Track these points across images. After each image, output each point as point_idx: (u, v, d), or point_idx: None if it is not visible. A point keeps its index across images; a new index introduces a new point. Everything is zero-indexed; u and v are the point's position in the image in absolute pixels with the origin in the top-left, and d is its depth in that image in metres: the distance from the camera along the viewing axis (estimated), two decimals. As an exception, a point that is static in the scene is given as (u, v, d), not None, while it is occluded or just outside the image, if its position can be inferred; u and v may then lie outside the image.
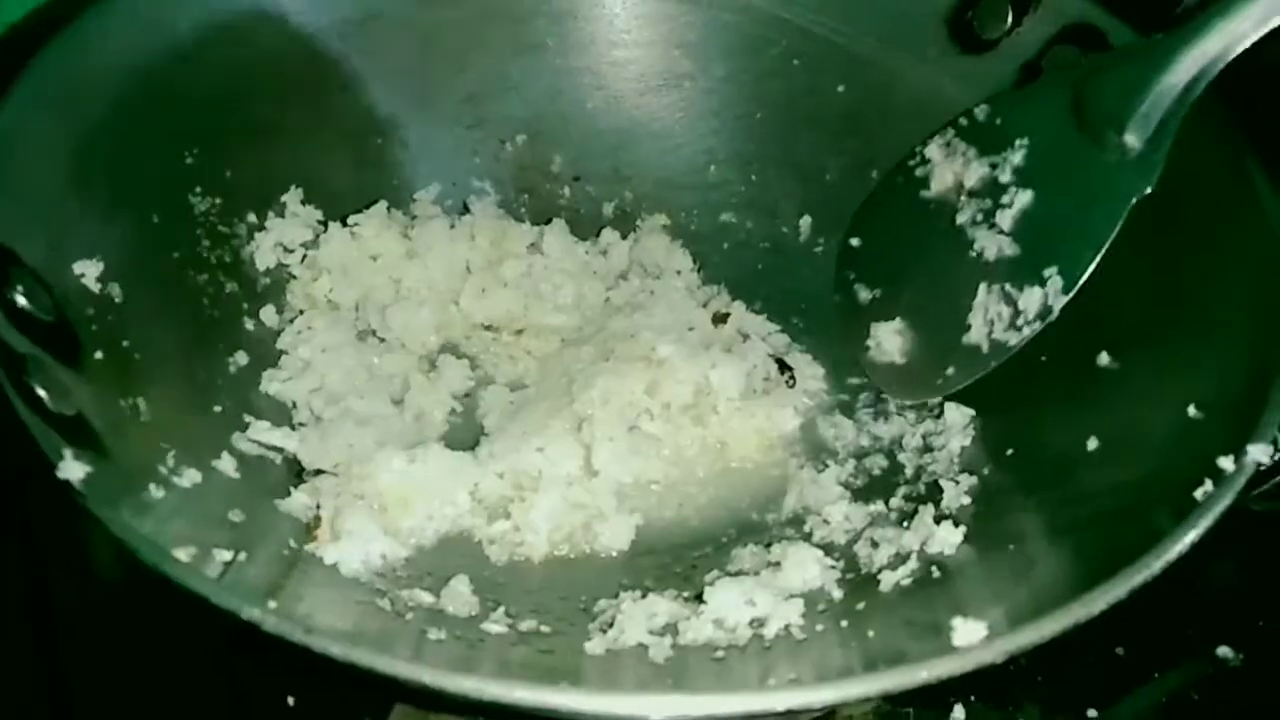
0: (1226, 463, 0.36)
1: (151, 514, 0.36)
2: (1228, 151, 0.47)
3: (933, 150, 0.55)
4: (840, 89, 0.62)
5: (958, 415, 0.51)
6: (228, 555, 0.36)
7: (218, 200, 0.54)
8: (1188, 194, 0.48)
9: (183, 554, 0.32)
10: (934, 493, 0.48)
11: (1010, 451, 0.48)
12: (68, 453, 0.33)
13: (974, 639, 0.32)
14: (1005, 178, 0.50)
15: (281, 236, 0.56)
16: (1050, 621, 0.31)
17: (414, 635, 0.39)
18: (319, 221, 0.58)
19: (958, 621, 0.33)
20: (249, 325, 0.53)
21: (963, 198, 0.52)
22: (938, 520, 0.45)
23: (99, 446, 0.36)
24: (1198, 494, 0.35)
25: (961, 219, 0.52)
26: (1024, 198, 0.49)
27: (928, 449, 0.51)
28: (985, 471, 0.48)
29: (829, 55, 0.62)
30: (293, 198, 0.57)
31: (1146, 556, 0.33)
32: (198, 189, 0.53)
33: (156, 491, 0.38)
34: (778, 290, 0.61)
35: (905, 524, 0.47)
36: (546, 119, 0.64)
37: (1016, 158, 0.50)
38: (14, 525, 0.46)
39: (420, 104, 0.62)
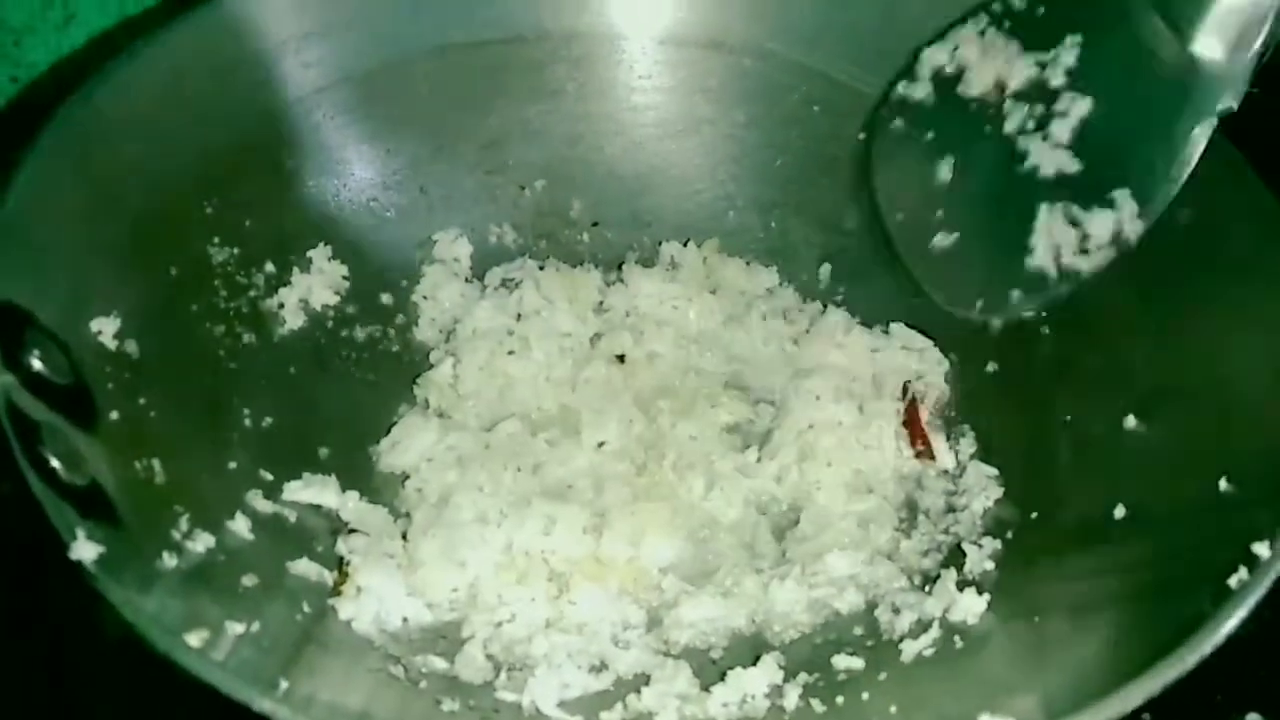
0: (1262, 549, 0.35)
1: (163, 585, 0.36)
2: (1250, 201, 0.46)
3: (966, 44, 0.50)
4: (861, 136, 0.61)
5: (979, 474, 0.50)
6: (240, 629, 0.35)
7: (236, 250, 0.54)
8: (1215, 249, 0.47)
9: (194, 639, 0.32)
10: (956, 557, 0.47)
11: (1035, 515, 0.47)
12: (80, 532, 0.33)
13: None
14: (1057, 80, 0.45)
15: (307, 294, 0.56)
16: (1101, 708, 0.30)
17: (428, 706, 0.39)
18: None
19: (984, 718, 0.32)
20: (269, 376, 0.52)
21: (1008, 101, 0.47)
22: (960, 586, 0.44)
23: (112, 516, 0.36)
24: (1232, 582, 0.34)
25: (1009, 126, 0.47)
26: (1082, 106, 0.44)
27: (950, 509, 0.50)
28: (1009, 535, 0.47)
29: (849, 101, 0.61)
30: (320, 254, 0.56)
31: (1180, 650, 0.32)
32: (216, 239, 0.53)
33: (169, 560, 0.38)
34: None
35: (927, 589, 0.46)
36: (566, 164, 0.64)
37: (1069, 58, 0.45)
38: (29, 592, 0.46)
39: (439, 150, 0.62)
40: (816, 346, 0.57)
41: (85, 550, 0.32)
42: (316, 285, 0.56)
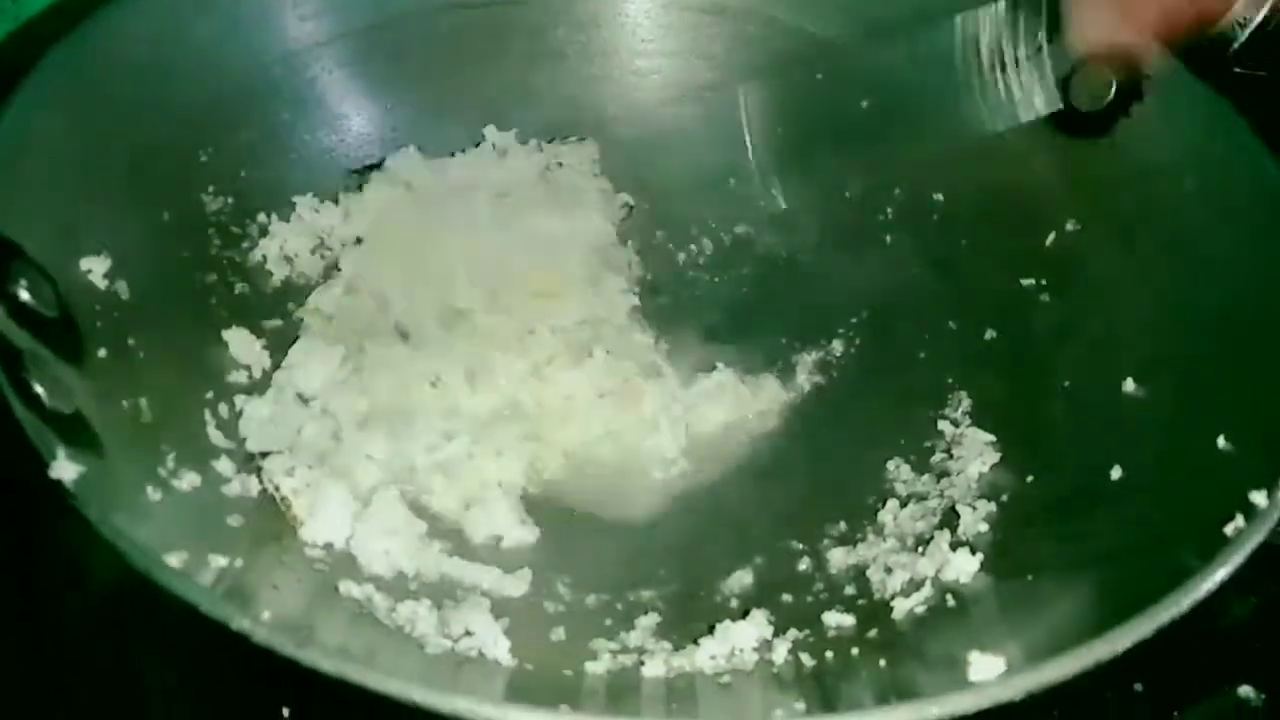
0: (1259, 497, 0.34)
1: (148, 518, 0.35)
2: (1249, 161, 0.46)
3: None
4: (864, 104, 0.61)
5: (977, 439, 0.50)
6: (223, 561, 0.35)
7: (230, 200, 0.53)
8: (1213, 213, 0.47)
9: (175, 560, 0.32)
10: (951, 519, 0.46)
11: (1030, 478, 0.46)
12: (61, 451, 0.32)
13: (991, 674, 0.30)
14: None
15: (285, 243, 0.55)
16: (1071, 659, 0.30)
17: (412, 649, 0.38)
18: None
19: (974, 656, 0.31)
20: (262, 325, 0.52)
21: None
22: (954, 547, 0.44)
23: (96, 446, 0.36)
24: (1228, 530, 0.34)
25: None
26: None
27: (944, 473, 0.50)
28: (1004, 498, 0.46)
29: (853, 69, 0.61)
30: (306, 203, 0.56)
31: (1175, 594, 0.31)
32: (210, 188, 0.53)
33: (154, 494, 0.37)
34: (795, 304, 0.60)
35: (920, 550, 0.45)
36: (566, 128, 0.63)
37: None
38: (10, 531, 0.45)
39: (439, 110, 0.61)
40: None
41: (65, 470, 0.32)
42: (293, 235, 0.55)
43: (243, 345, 0.49)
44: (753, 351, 0.55)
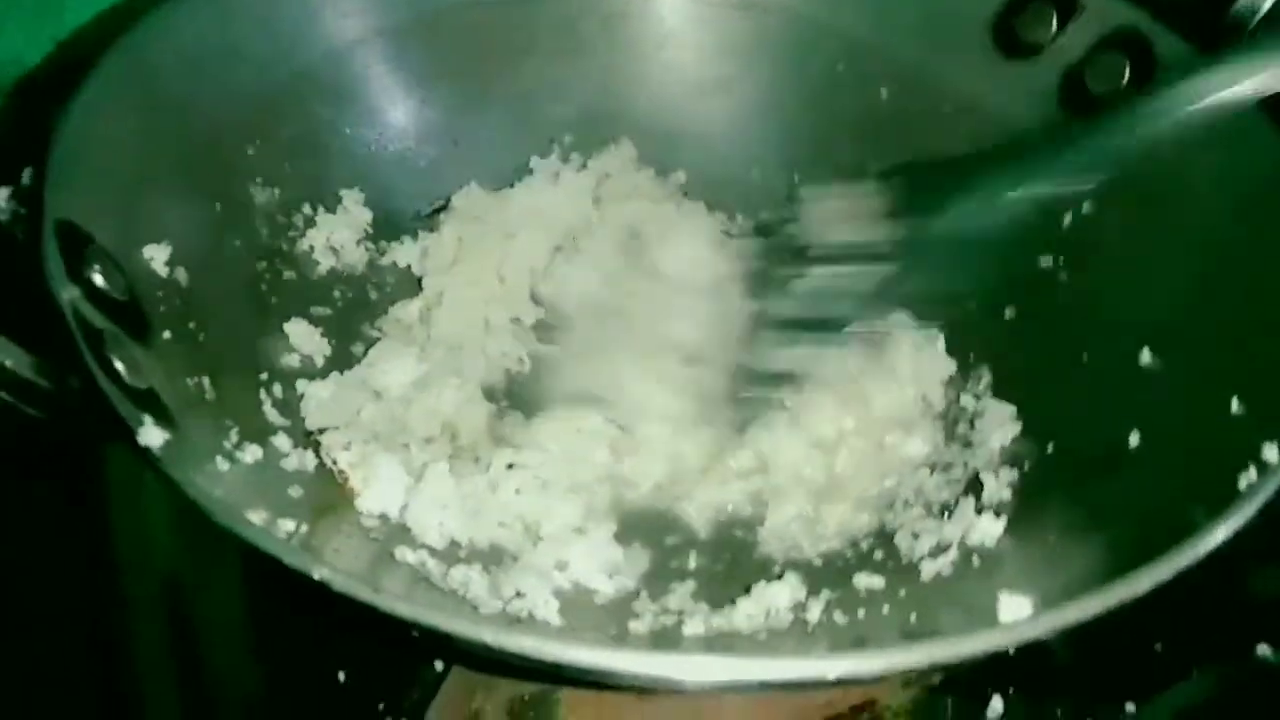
0: (1271, 452, 0.36)
1: (220, 485, 0.38)
2: (1264, 139, 0.47)
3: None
4: (884, 94, 0.63)
5: (997, 412, 0.52)
6: (290, 525, 0.37)
7: (276, 191, 0.55)
8: (1226, 191, 0.48)
9: (255, 517, 0.34)
10: (975, 486, 0.48)
11: (1051, 447, 0.48)
12: (147, 419, 0.34)
13: (1020, 614, 0.32)
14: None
15: (331, 234, 0.57)
16: (1097, 598, 0.31)
17: (467, 609, 0.40)
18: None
19: (1003, 596, 0.33)
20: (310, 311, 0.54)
21: None
22: (978, 512, 0.46)
23: (170, 420, 0.38)
24: (1241, 483, 0.36)
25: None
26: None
27: (967, 444, 0.52)
28: (1026, 466, 0.48)
29: (873, 60, 0.62)
30: (352, 197, 0.58)
31: (1190, 541, 0.33)
32: (258, 179, 0.55)
33: (222, 464, 0.39)
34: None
35: (946, 515, 0.47)
36: (594, 120, 0.65)
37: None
38: (76, 503, 0.48)
39: (471, 104, 0.63)
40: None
41: (151, 436, 0.34)
42: (340, 227, 0.58)
43: (302, 335, 0.52)
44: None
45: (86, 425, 0.35)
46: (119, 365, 0.37)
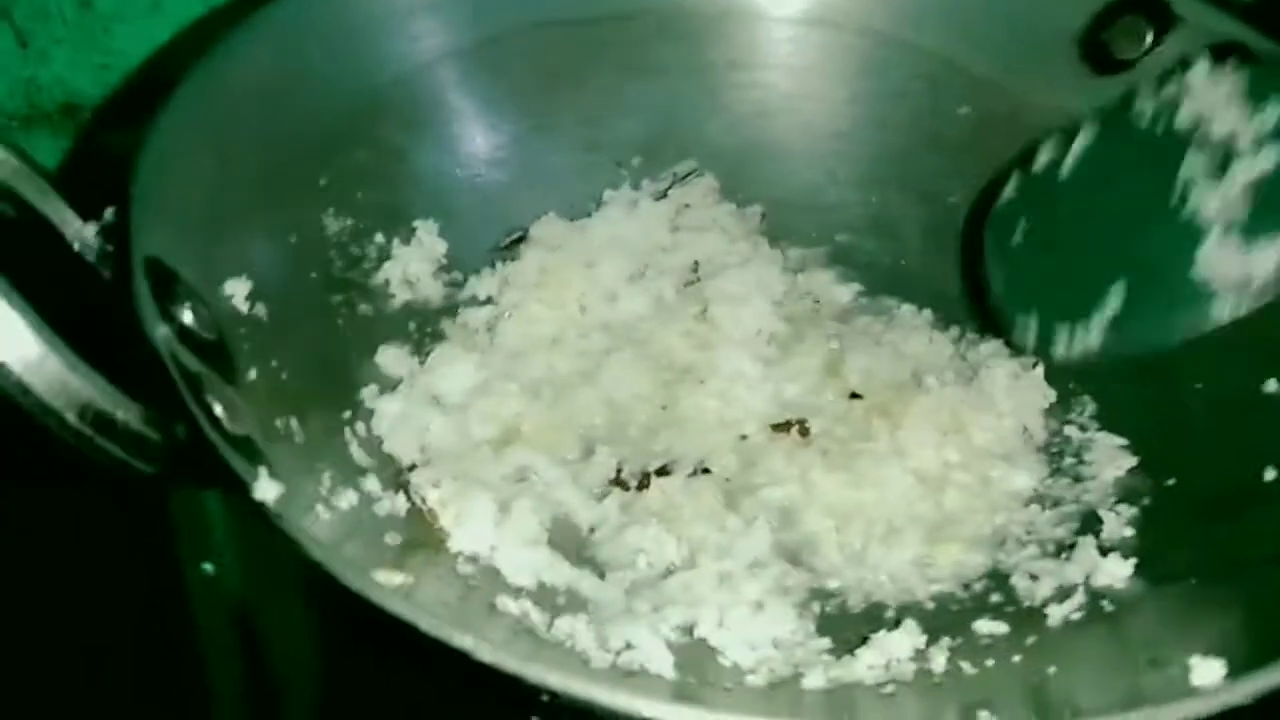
0: None
1: (327, 537, 0.36)
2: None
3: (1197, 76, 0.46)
4: (964, 110, 0.61)
5: (1107, 444, 0.49)
6: (400, 579, 0.35)
7: (349, 221, 0.54)
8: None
9: (384, 578, 0.32)
10: (1092, 523, 0.46)
11: (1172, 482, 0.46)
12: (263, 471, 0.32)
13: (1213, 678, 0.30)
14: (1248, 138, 0.42)
15: (407, 266, 0.56)
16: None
17: (576, 663, 0.38)
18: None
19: (1195, 660, 0.31)
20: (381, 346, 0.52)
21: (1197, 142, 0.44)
22: (1103, 552, 0.44)
23: (270, 468, 0.36)
24: None
25: (1189, 169, 0.43)
26: (1268, 158, 0.42)
27: (1077, 478, 0.49)
28: (1146, 502, 0.46)
29: (952, 76, 0.61)
30: (426, 228, 0.56)
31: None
32: (331, 210, 0.53)
33: (324, 514, 0.38)
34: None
35: (1064, 556, 0.45)
36: (663, 141, 0.63)
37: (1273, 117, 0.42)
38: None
39: (537, 128, 0.62)
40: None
41: (267, 490, 0.32)
42: (415, 259, 0.56)
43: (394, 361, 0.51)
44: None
45: (198, 480, 0.33)
46: (219, 410, 0.35)
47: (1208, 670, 0.31)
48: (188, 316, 0.39)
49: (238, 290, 0.44)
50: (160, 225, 0.42)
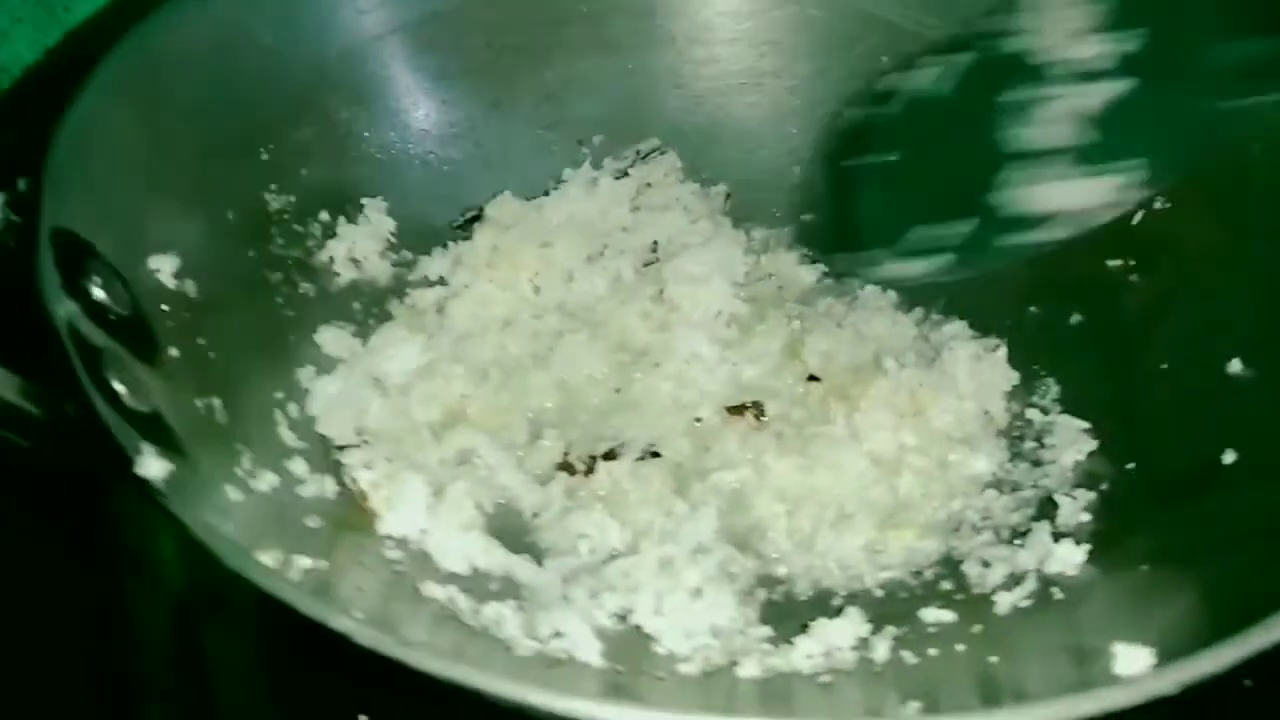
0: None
1: (231, 518, 0.34)
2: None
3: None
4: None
5: (1069, 427, 0.48)
6: (309, 562, 0.34)
7: (292, 198, 0.52)
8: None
9: (268, 558, 0.30)
10: (1048, 509, 0.45)
11: (1131, 465, 0.44)
12: (147, 448, 0.31)
13: (1140, 667, 0.28)
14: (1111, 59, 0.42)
15: (353, 245, 0.54)
16: (1231, 647, 0.28)
17: (499, 651, 0.37)
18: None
19: (1119, 647, 0.29)
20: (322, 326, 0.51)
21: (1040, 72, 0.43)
22: (1055, 538, 0.42)
23: (176, 446, 0.35)
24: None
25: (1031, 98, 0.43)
26: (1119, 86, 0.41)
27: (1036, 462, 0.48)
28: (1105, 487, 0.44)
29: (918, 50, 0.59)
30: (375, 205, 0.55)
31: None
32: (273, 186, 0.52)
33: (234, 494, 0.36)
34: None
35: (1018, 542, 0.43)
36: (625, 119, 0.62)
37: (1133, 43, 0.42)
38: (83, 537, 0.44)
39: (496, 104, 0.60)
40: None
41: (151, 467, 0.31)
42: (361, 237, 0.54)
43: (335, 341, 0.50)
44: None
45: (81, 455, 0.31)
46: (119, 387, 0.34)
47: (1134, 659, 0.29)
48: (99, 291, 0.38)
49: (164, 266, 0.43)
50: (78, 196, 0.40)
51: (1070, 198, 0.41)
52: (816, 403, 0.51)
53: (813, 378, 0.52)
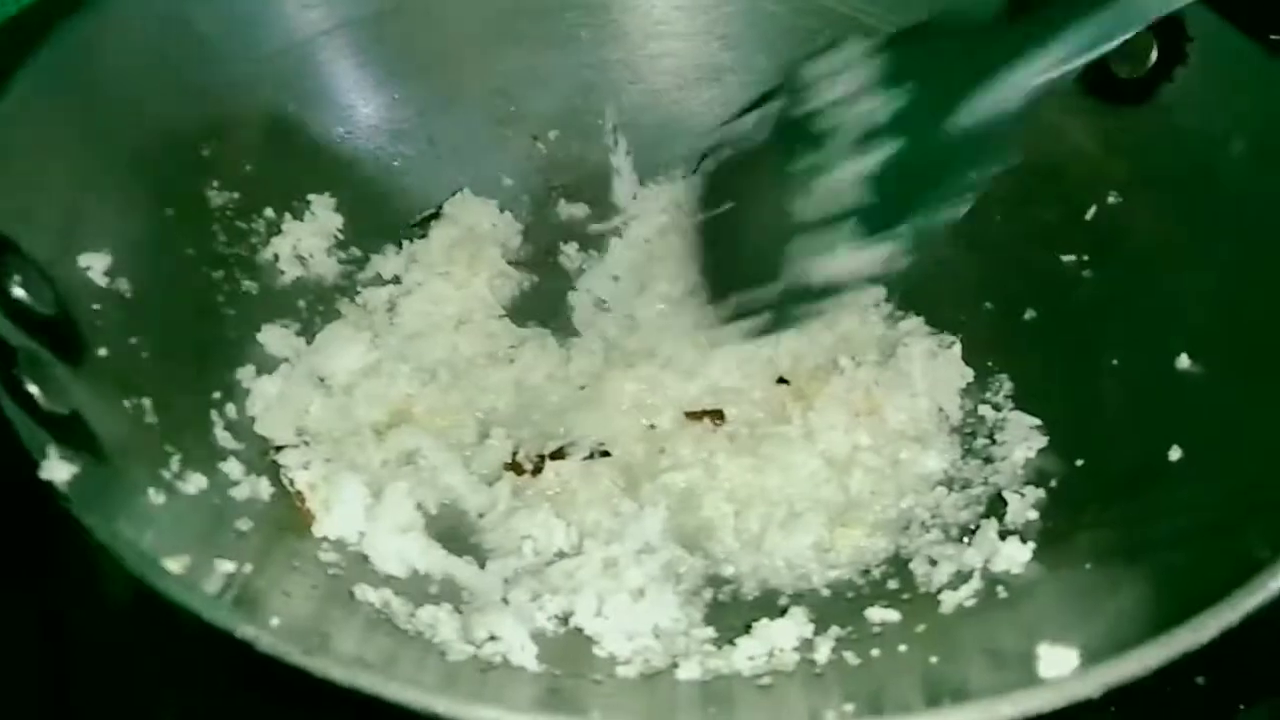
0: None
1: (151, 522, 0.33)
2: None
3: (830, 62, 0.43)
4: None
5: (1020, 424, 0.47)
6: (231, 567, 0.33)
7: (235, 195, 0.51)
8: (1264, 177, 0.44)
9: (175, 564, 0.29)
10: (997, 506, 0.44)
11: (1080, 462, 0.44)
12: (53, 451, 0.30)
13: (1064, 669, 0.28)
14: (882, 118, 0.40)
15: (298, 242, 0.53)
16: (1154, 648, 0.27)
17: (433, 656, 0.36)
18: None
19: (1043, 649, 0.29)
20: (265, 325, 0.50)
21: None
22: (1002, 536, 0.42)
23: (95, 448, 0.34)
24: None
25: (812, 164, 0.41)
26: (892, 147, 0.40)
27: (988, 459, 0.47)
28: (1053, 484, 0.44)
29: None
30: (322, 202, 0.54)
31: (1261, 576, 0.29)
32: (215, 182, 0.51)
33: (157, 497, 0.35)
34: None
35: (966, 540, 0.43)
36: (580, 114, 0.61)
37: (901, 101, 0.41)
38: (25, 554, 0.43)
39: (449, 99, 0.59)
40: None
41: (57, 470, 0.30)
42: (307, 235, 0.53)
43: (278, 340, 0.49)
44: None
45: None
46: (32, 388, 0.33)
47: (1061, 660, 0.29)
48: (19, 290, 0.36)
49: (95, 264, 0.42)
50: (1, 191, 0.39)
51: (847, 267, 0.41)
52: (775, 403, 0.50)
53: (782, 380, 0.51)
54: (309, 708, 0.39)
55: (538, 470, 0.48)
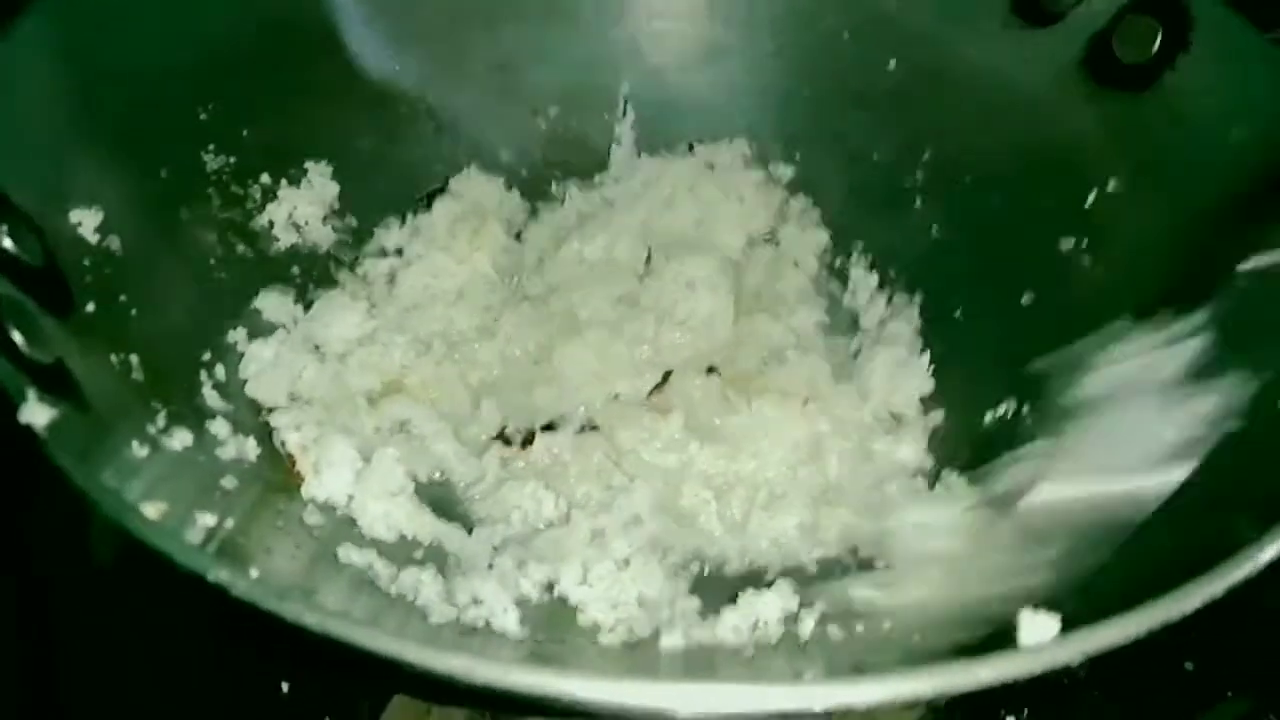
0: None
1: (135, 475, 0.33)
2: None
3: None
4: (891, 65, 0.58)
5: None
6: (211, 520, 0.33)
7: (232, 159, 0.51)
8: (1265, 165, 0.44)
9: (151, 510, 0.29)
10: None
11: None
12: (32, 393, 0.30)
13: (1044, 636, 0.28)
14: None
15: (294, 209, 0.53)
16: (1136, 617, 0.27)
17: (415, 618, 0.36)
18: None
19: (1025, 616, 0.28)
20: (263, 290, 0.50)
21: None
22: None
23: (78, 399, 0.34)
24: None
25: None
26: None
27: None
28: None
29: (880, 29, 0.58)
30: (319, 170, 0.54)
31: (1247, 550, 0.28)
32: (211, 146, 0.50)
33: (140, 450, 0.35)
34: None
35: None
36: (581, 91, 0.61)
37: None
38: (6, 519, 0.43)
39: (449, 72, 0.59)
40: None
41: (36, 414, 0.30)
42: (304, 202, 0.53)
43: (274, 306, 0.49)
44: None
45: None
46: (16, 336, 0.32)
47: (1038, 627, 0.28)
48: (7, 240, 0.36)
49: (87, 220, 0.42)
50: (-7, 142, 0.39)
51: None
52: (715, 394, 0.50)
53: (711, 369, 0.51)
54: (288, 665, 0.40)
55: (527, 443, 0.47)
